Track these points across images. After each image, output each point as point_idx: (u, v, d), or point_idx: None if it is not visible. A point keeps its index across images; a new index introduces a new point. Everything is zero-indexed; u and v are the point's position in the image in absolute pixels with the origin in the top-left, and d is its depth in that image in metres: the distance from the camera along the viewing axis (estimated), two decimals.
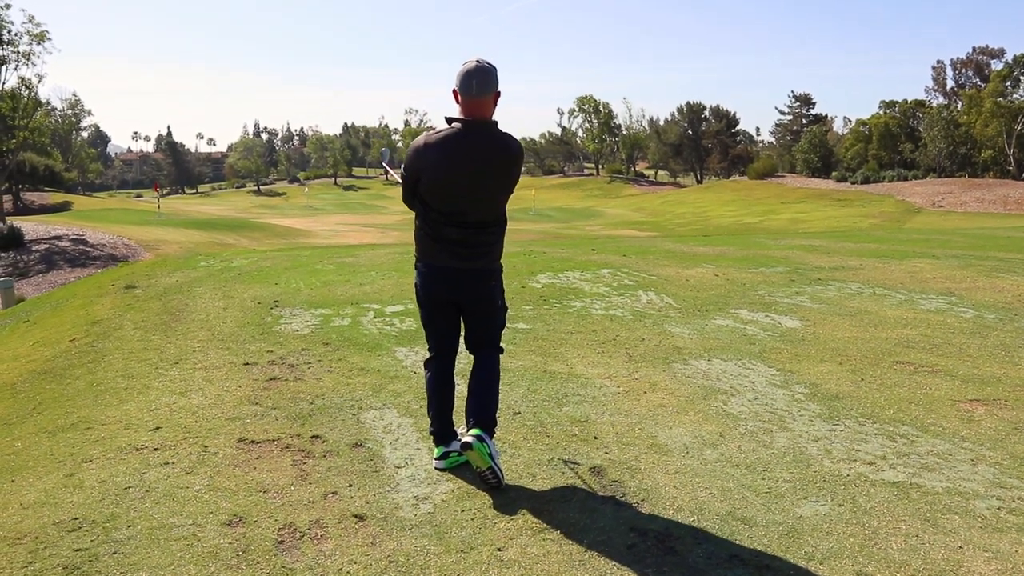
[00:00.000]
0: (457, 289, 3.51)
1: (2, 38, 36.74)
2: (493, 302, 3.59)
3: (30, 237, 31.41)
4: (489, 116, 3.37)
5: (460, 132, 3.32)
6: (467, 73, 3.28)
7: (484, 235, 3.46)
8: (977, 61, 78.22)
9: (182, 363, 5.49)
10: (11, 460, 3.82)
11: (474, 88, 3.28)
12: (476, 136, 3.33)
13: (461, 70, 3.30)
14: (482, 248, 3.47)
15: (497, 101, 3.38)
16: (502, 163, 3.39)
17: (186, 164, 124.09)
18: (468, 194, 3.38)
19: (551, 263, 10.40)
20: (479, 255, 3.47)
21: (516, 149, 3.43)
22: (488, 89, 3.30)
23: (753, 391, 4.77)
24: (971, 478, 3.47)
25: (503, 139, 3.38)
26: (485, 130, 3.35)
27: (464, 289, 3.51)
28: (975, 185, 56.94)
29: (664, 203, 70.65)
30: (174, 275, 10.08)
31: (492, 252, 3.52)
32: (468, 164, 3.32)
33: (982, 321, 6.67)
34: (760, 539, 2.95)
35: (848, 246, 12.95)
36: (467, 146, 3.32)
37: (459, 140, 3.32)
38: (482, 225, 3.45)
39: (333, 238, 36.98)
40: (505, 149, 3.38)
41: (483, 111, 3.33)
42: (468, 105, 3.32)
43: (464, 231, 3.42)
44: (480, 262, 3.49)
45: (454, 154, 3.32)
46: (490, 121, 3.37)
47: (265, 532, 3.02)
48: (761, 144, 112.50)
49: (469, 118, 3.33)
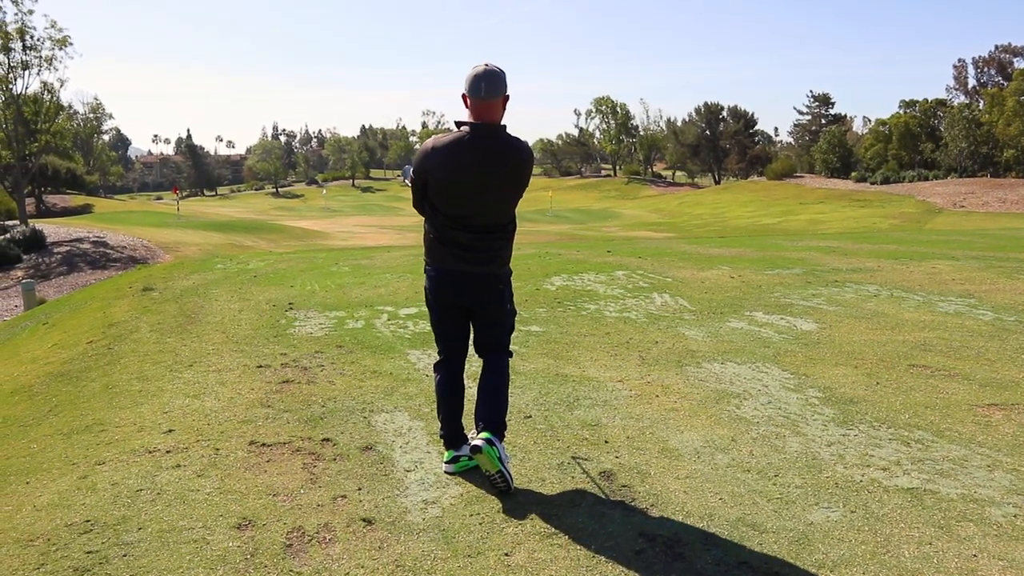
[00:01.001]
0: (465, 293, 3.51)
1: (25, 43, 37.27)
2: (501, 306, 3.58)
3: (52, 239, 31.82)
4: (498, 119, 3.36)
5: (468, 135, 3.33)
6: (476, 77, 3.28)
7: (491, 239, 3.46)
8: (999, 59, 77.17)
9: (196, 365, 5.53)
10: (26, 462, 3.86)
11: (483, 91, 3.28)
12: (484, 139, 3.33)
13: (470, 74, 3.30)
14: (490, 252, 3.46)
15: (506, 104, 3.38)
16: (510, 166, 3.39)
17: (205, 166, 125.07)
18: (475, 197, 3.37)
19: (566, 265, 10.38)
20: (487, 259, 3.46)
21: (525, 152, 3.43)
22: (496, 92, 3.30)
23: (766, 395, 4.73)
24: (987, 484, 3.42)
25: (512, 142, 3.38)
26: (493, 133, 3.35)
27: (472, 293, 3.51)
28: (997, 185, 56.22)
29: (681, 204, 70.37)
30: (191, 277, 10.16)
31: (500, 256, 3.51)
32: (475, 167, 3.32)
33: (1001, 324, 6.57)
34: (770, 545, 2.92)
35: (866, 247, 12.83)
36: (475, 149, 3.32)
37: (467, 143, 3.32)
38: (489, 229, 3.44)
39: (350, 240, 37.16)
40: (513, 152, 3.38)
41: (492, 114, 3.33)
42: (477, 108, 3.32)
43: (471, 235, 3.42)
44: (488, 266, 3.48)
45: (462, 157, 3.32)
46: (499, 125, 3.37)
47: (274, 535, 3.03)
48: (780, 144, 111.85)
49: (478, 122, 3.33)
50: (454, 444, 3.68)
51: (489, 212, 3.43)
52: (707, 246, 13.60)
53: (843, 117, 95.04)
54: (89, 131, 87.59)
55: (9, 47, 36.90)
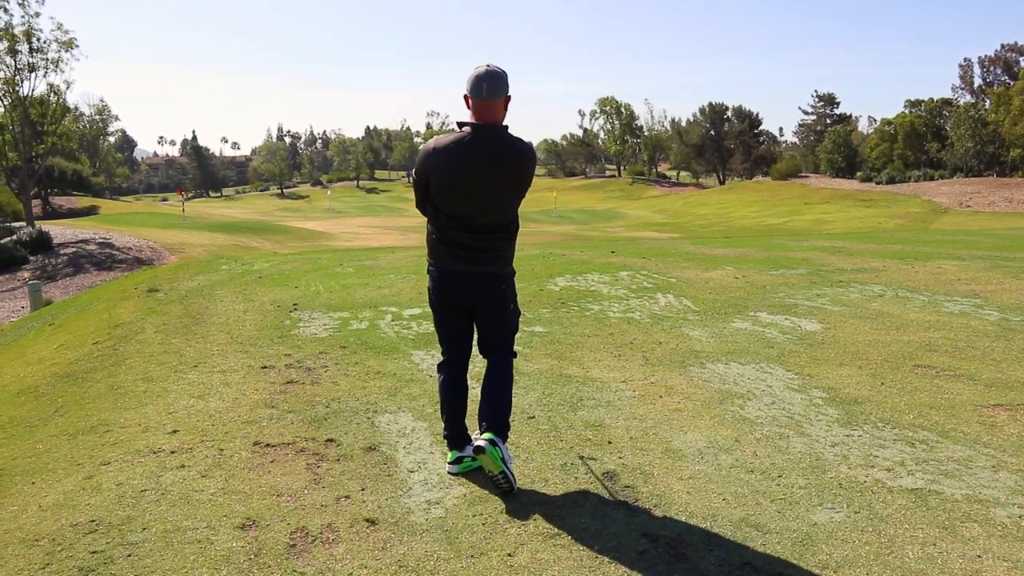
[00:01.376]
0: (467, 293, 3.51)
1: (31, 46, 37.40)
2: (504, 306, 3.58)
3: (58, 241, 31.91)
4: (499, 120, 3.37)
5: (469, 136, 3.33)
6: (477, 77, 3.29)
7: (493, 239, 3.46)
8: (1005, 58, 76.95)
9: (201, 366, 5.55)
10: (32, 462, 3.87)
11: (484, 91, 3.29)
12: (485, 139, 3.33)
13: (471, 74, 3.31)
14: (492, 253, 3.46)
15: (508, 105, 3.38)
16: (512, 166, 3.39)
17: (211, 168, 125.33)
18: (476, 197, 3.38)
19: (570, 265, 10.38)
20: (488, 259, 3.47)
21: (527, 153, 3.43)
22: (498, 93, 3.30)
23: (770, 395, 4.72)
24: (992, 485, 3.41)
25: (514, 143, 3.38)
26: (495, 134, 3.35)
27: (474, 293, 3.51)
28: (1003, 184, 56.00)
29: (686, 204, 70.27)
30: (196, 278, 10.19)
31: (502, 257, 3.51)
32: (476, 167, 3.32)
33: (1007, 324, 6.55)
34: (773, 546, 2.91)
35: (871, 247, 12.80)
36: (476, 149, 3.32)
37: (468, 144, 3.33)
38: (491, 229, 3.44)
39: (354, 241, 37.20)
40: (515, 153, 3.38)
41: (493, 115, 3.34)
42: (478, 109, 3.33)
43: (473, 235, 3.42)
44: (490, 266, 3.48)
45: (463, 157, 3.32)
46: (500, 125, 3.37)
47: (277, 536, 3.04)
48: (784, 144, 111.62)
49: (479, 122, 3.33)
50: (458, 445, 3.68)
51: (491, 212, 3.43)
52: (711, 246, 13.59)
53: (848, 117, 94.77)
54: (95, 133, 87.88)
55: (16, 49, 37.04)
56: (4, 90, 37.52)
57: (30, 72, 38.08)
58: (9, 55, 37.01)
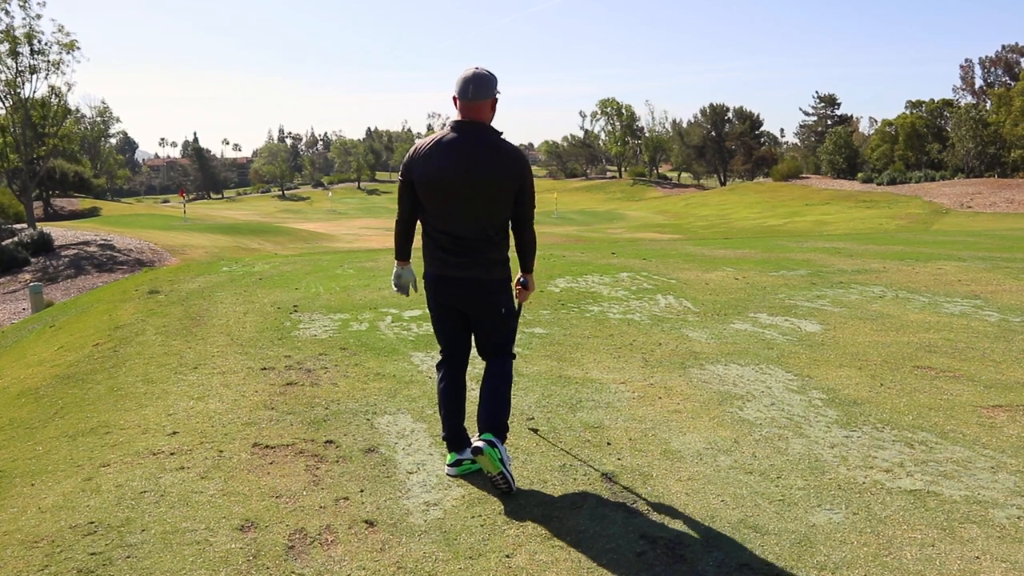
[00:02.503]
0: (456, 297, 3.52)
1: (33, 48, 37.44)
2: (494, 311, 3.54)
3: (59, 242, 31.93)
4: (486, 121, 3.38)
5: (448, 134, 3.35)
6: (464, 79, 3.33)
7: (479, 243, 3.41)
8: (1006, 59, 76.87)
9: (201, 368, 5.55)
10: (32, 464, 3.88)
11: (470, 92, 3.31)
12: (467, 136, 3.33)
13: (459, 76, 3.34)
14: (470, 257, 3.42)
15: (495, 107, 3.40)
16: (494, 165, 3.33)
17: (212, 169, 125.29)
18: (455, 197, 3.35)
19: (570, 267, 10.39)
20: (471, 264, 3.43)
21: (510, 155, 3.38)
22: (483, 94, 3.32)
23: (769, 396, 4.73)
24: (990, 486, 3.41)
25: (497, 144, 3.36)
26: (477, 132, 3.35)
27: (463, 297, 3.51)
28: (1004, 185, 55.93)
29: (687, 205, 70.25)
30: (196, 280, 10.20)
31: (483, 262, 3.44)
32: (453, 163, 3.31)
33: (1007, 325, 6.55)
34: (772, 548, 2.91)
35: (872, 248, 12.80)
36: (456, 146, 3.33)
37: (447, 142, 3.34)
38: (472, 234, 3.41)
39: (355, 242, 37.21)
40: (496, 154, 3.34)
41: (479, 115, 3.35)
42: (465, 109, 3.35)
43: (452, 239, 3.41)
44: (470, 271, 3.44)
45: (442, 153, 3.33)
46: (484, 124, 3.37)
47: (276, 537, 3.04)
48: (785, 145, 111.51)
49: (464, 120, 3.35)
50: (456, 447, 3.68)
51: (470, 215, 3.38)
52: (712, 247, 13.59)
53: (849, 118, 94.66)
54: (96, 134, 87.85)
55: (17, 51, 37.07)
56: (5, 92, 37.53)
57: (31, 74, 38.09)
58: (10, 57, 37.04)
